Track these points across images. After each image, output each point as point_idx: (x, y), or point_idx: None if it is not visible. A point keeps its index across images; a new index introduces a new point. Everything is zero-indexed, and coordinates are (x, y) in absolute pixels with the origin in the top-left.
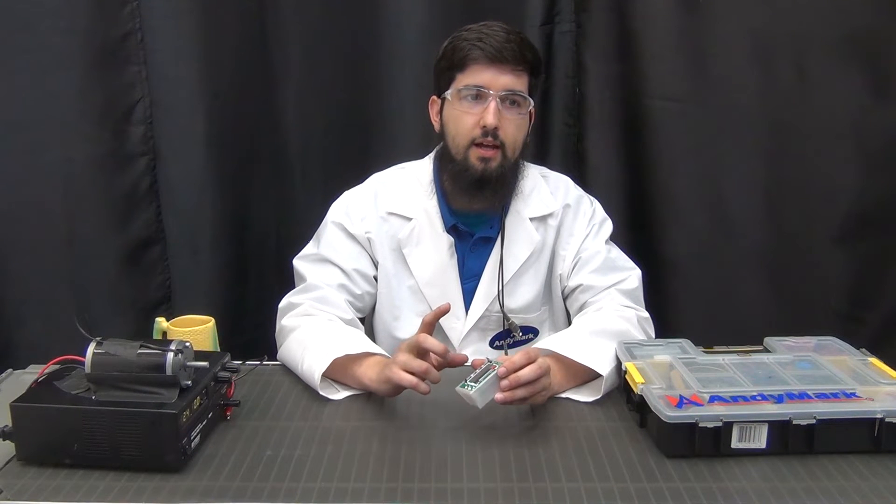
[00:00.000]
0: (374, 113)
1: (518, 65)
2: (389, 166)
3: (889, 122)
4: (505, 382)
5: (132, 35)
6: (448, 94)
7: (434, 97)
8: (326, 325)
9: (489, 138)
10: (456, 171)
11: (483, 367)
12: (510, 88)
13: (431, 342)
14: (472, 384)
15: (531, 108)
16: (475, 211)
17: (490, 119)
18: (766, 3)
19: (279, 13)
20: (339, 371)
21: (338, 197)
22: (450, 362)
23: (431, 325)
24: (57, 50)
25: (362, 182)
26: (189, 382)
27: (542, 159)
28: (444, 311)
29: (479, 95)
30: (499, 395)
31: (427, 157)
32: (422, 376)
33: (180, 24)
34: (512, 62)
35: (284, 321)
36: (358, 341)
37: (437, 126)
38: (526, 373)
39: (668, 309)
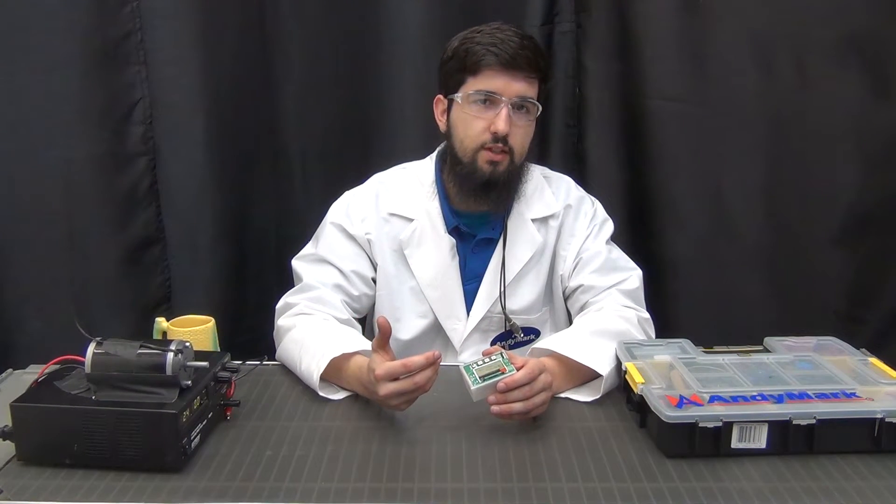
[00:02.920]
0: (374, 113)
1: (531, 72)
2: (390, 166)
3: (889, 122)
4: (501, 385)
5: (132, 35)
6: (458, 96)
7: (440, 96)
8: (322, 325)
9: (498, 144)
10: (463, 174)
11: (493, 359)
12: (522, 95)
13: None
14: (478, 378)
15: (538, 113)
16: (477, 212)
17: (501, 126)
18: (765, 3)
19: (279, 13)
20: (334, 373)
21: (338, 197)
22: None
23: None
24: (57, 50)
25: (363, 182)
26: (189, 382)
27: (542, 159)
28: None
29: (490, 101)
30: (494, 408)
31: (428, 158)
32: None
33: (180, 24)
34: (526, 69)
35: (281, 321)
36: (353, 340)
37: (442, 126)
38: (519, 376)
39: (668, 309)
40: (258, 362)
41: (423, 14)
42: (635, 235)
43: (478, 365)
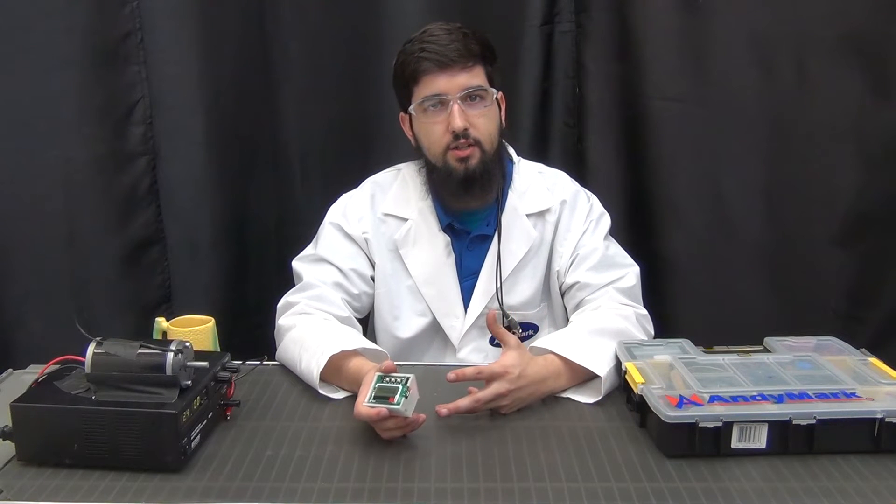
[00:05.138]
0: (374, 113)
1: (467, 61)
2: (389, 166)
3: (889, 122)
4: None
5: (132, 35)
6: (412, 109)
7: (402, 114)
8: (322, 324)
9: (462, 140)
10: (441, 178)
11: (398, 380)
12: (467, 86)
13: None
14: (372, 397)
15: (497, 95)
16: (470, 209)
17: (457, 123)
18: (765, 3)
19: (279, 13)
20: (333, 372)
21: (336, 199)
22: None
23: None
24: (57, 50)
25: (359, 185)
26: (189, 382)
27: (542, 158)
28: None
29: (440, 103)
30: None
31: (423, 158)
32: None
33: (180, 24)
34: (460, 61)
35: (281, 321)
36: (352, 339)
37: (413, 141)
38: (477, 398)
39: (668, 309)
40: (258, 362)
41: (423, 14)
42: (635, 235)
43: (383, 382)
